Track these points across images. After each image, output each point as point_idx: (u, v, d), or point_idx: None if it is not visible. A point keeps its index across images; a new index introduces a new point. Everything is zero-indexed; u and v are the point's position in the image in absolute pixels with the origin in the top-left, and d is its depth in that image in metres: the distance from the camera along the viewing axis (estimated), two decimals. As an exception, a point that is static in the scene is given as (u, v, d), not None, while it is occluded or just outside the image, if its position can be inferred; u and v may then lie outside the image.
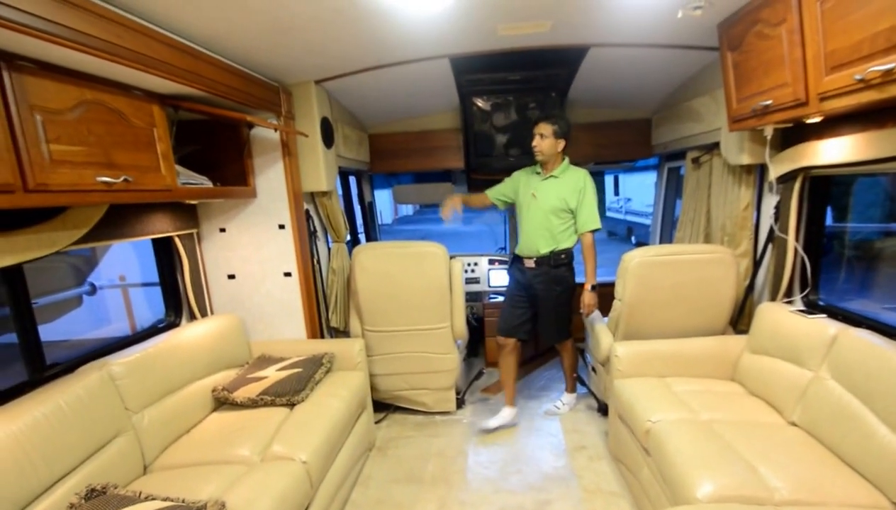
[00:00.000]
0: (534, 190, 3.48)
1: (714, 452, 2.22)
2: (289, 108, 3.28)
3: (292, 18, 2.33)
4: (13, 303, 2.14)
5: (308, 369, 3.01)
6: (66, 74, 1.79)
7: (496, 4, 2.48)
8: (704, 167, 3.79)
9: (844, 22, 1.89)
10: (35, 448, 1.80)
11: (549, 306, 3.54)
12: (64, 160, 1.74)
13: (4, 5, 1.40)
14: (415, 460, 3.32)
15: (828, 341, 2.36)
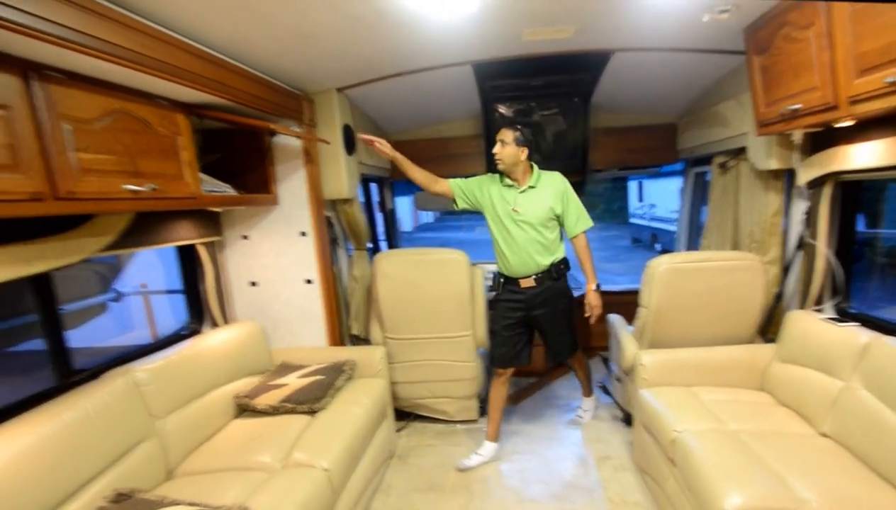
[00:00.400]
0: (514, 205, 3.16)
1: (742, 463, 2.19)
2: (311, 115, 3.33)
3: (314, 27, 2.37)
4: (41, 309, 2.20)
5: (329, 377, 3.04)
6: (94, 84, 1.85)
7: (521, 10, 2.50)
8: (731, 172, 3.75)
9: (874, 24, 1.88)
10: (64, 451, 1.85)
11: (557, 322, 3.33)
12: (92, 169, 1.79)
13: (36, 17, 1.45)
14: (436, 469, 3.31)
15: (859, 350, 2.33)
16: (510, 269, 3.24)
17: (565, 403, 4.20)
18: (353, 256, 3.95)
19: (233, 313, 3.46)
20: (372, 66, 3.18)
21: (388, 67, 3.28)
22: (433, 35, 2.69)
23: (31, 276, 1.96)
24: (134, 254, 3.73)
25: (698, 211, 4.89)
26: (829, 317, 2.76)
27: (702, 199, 4.77)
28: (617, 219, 22.75)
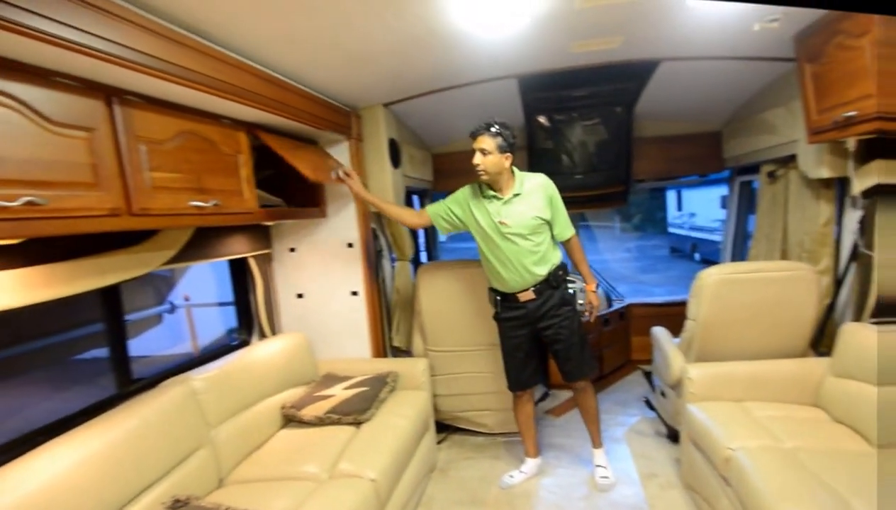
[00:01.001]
0: (500, 217, 2.93)
1: (801, 483, 2.15)
2: (358, 130, 3.45)
3: (373, 48, 2.49)
4: (109, 319, 2.34)
5: (373, 388, 3.11)
6: (168, 107, 1.98)
7: (569, 23, 2.54)
8: (780, 181, 3.74)
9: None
10: (126, 457, 1.94)
11: (567, 334, 3.08)
12: (163, 186, 1.91)
13: (123, 46, 1.57)
14: (478, 482, 3.33)
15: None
16: (506, 285, 3.03)
17: (610, 417, 4.14)
18: (395, 268, 4.03)
19: (279, 324, 3.57)
20: (419, 81, 3.29)
21: (434, 83, 3.37)
22: (481, 50, 2.76)
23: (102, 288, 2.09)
24: (187, 267, 3.87)
25: (744, 220, 4.86)
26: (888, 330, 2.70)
27: (748, 209, 4.74)
28: (656, 228, 22.55)
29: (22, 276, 1.72)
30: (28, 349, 3.20)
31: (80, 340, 3.50)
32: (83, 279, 1.92)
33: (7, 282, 1.67)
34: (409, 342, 3.97)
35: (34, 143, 1.45)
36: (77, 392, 3.19)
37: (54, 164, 1.51)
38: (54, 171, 1.51)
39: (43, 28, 1.33)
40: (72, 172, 1.56)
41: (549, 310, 3.03)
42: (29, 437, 1.91)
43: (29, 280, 1.74)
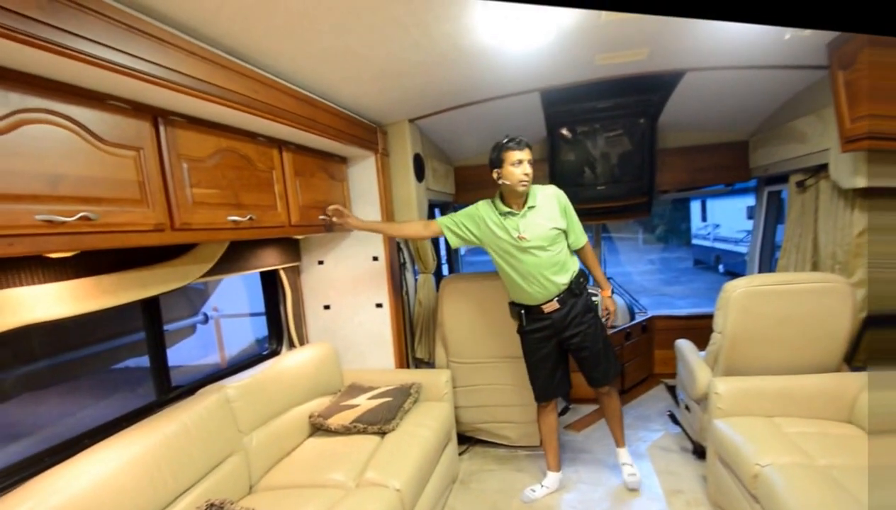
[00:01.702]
0: (519, 232, 2.97)
1: (836, 502, 2.11)
2: (384, 145, 3.55)
3: (402, 66, 2.58)
4: (149, 329, 2.45)
5: (397, 399, 3.17)
6: (208, 126, 2.08)
7: (595, 36, 2.57)
8: (810, 191, 3.67)
9: None
10: (165, 461, 2.03)
11: (592, 341, 3.14)
12: (203, 202, 2.02)
13: (169, 69, 1.68)
14: (499, 495, 3.34)
15: None
16: (530, 298, 3.07)
17: (632, 432, 4.09)
18: (418, 280, 4.11)
19: (307, 335, 3.67)
20: (444, 97, 3.36)
21: (459, 98, 3.45)
22: (506, 66, 2.82)
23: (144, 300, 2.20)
24: (220, 279, 4.00)
25: (772, 231, 4.79)
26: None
27: (776, 219, 4.70)
28: (681, 240, 22.37)
29: (72, 288, 1.82)
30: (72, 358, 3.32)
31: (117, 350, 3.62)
32: (127, 291, 2.03)
33: (60, 293, 1.78)
34: (431, 354, 4.03)
35: (88, 162, 1.56)
36: (115, 399, 3.31)
37: (105, 182, 1.61)
38: (105, 188, 1.61)
39: (99, 54, 1.44)
40: (121, 189, 1.67)
41: (575, 319, 3.07)
42: (77, 440, 2.01)
43: (79, 291, 1.85)
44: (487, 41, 2.40)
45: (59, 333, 2.68)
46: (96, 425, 2.14)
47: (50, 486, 1.66)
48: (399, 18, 2.08)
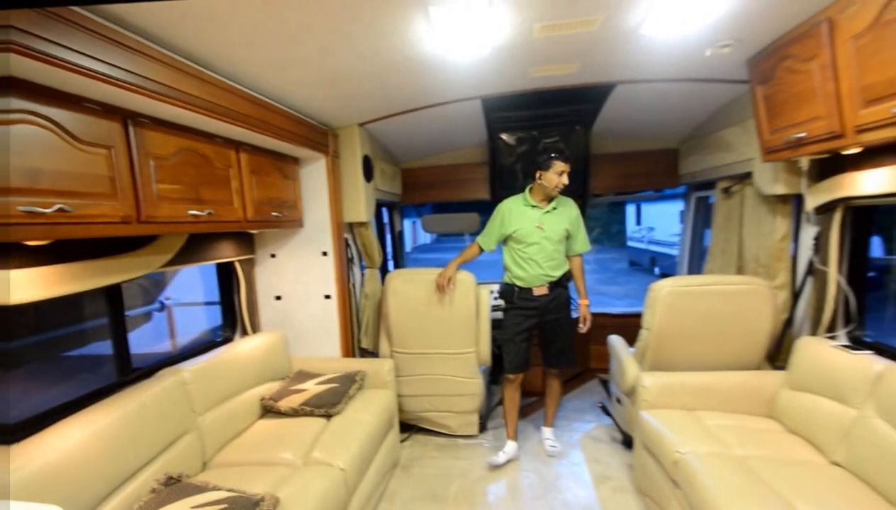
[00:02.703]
0: (538, 222, 3.59)
1: (749, 487, 2.22)
2: (335, 147, 3.74)
3: (349, 73, 2.77)
4: (112, 315, 2.59)
5: (343, 385, 3.37)
6: (171, 127, 2.26)
7: (528, 51, 2.77)
8: (735, 197, 3.88)
9: (879, 58, 2.00)
10: (127, 437, 2.18)
11: (564, 328, 3.72)
12: (166, 197, 2.19)
13: (137, 75, 1.85)
14: (438, 480, 3.53)
15: (873, 378, 2.35)
16: (526, 280, 3.66)
17: (566, 423, 4.35)
18: (365, 275, 4.30)
19: (259, 323, 3.83)
20: (392, 103, 3.57)
21: (405, 104, 3.65)
22: (448, 74, 3.00)
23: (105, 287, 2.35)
24: (178, 270, 4.10)
25: (700, 235, 5.01)
26: (842, 344, 2.75)
27: (704, 223, 4.88)
28: (615, 242, 22.89)
29: (45, 273, 1.97)
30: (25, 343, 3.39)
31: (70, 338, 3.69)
32: (93, 278, 2.17)
33: (34, 278, 1.92)
34: (376, 344, 4.23)
35: (65, 159, 1.72)
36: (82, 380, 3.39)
37: (80, 177, 1.77)
38: (80, 183, 1.77)
39: (76, 61, 1.61)
40: (93, 184, 1.83)
41: (557, 306, 3.69)
42: (46, 415, 2.15)
43: (50, 277, 1.99)
44: (430, 53, 2.60)
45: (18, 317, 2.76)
46: (62, 402, 2.27)
47: (22, 457, 1.80)
48: (347, 33, 2.28)
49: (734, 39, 2.65)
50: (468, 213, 5.57)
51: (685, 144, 4.76)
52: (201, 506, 1.97)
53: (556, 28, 2.45)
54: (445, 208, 5.94)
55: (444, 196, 5.37)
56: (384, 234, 5.39)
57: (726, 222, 4.04)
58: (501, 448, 3.81)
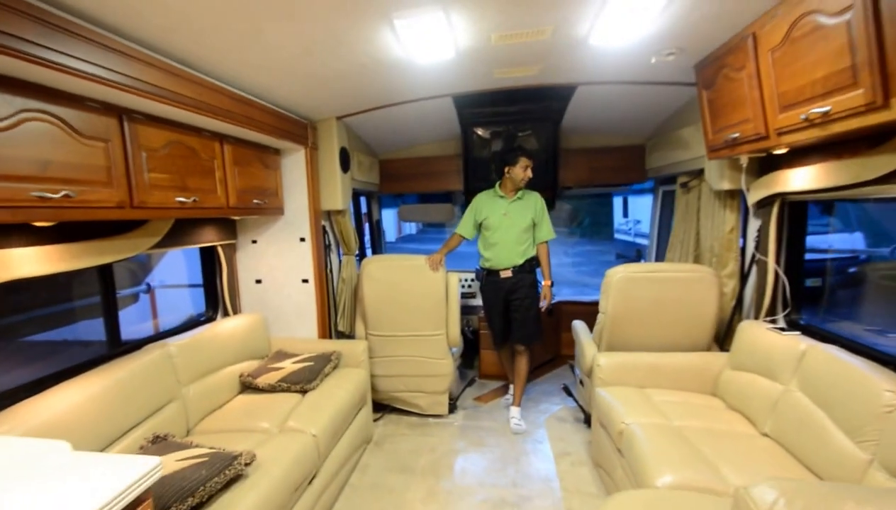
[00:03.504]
0: (504, 212, 4.18)
1: (679, 452, 2.48)
2: (314, 139, 4.04)
3: (326, 73, 3.06)
4: (104, 292, 2.88)
5: (319, 364, 3.65)
6: (161, 122, 2.55)
7: (489, 55, 3.06)
8: (693, 191, 4.16)
9: (790, 69, 2.29)
10: (118, 400, 2.47)
11: (527, 307, 4.19)
12: (156, 185, 2.48)
13: (131, 77, 2.15)
14: (408, 454, 3.81)
15: (798, 356, 2.61)
16: (494, 263, 4.23)
17: (534, 404, 4.67)
18: (342, 261, 4.59)
19: (240, 305, 4.12)
20: (367, 99, 3.86)
21: (380, 100, 3.95)
22: (419, 74, 3.29)
23: (98, 266, 2.65)
24: (164, 253, 4.37)
25: (668, 226, 5.20)
26: (776, 327, 3.02)
27: (671, 215, 5.05)
28: (602, 234, 23.11)
29: (47, 252, 2.26)
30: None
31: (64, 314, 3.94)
32: (89, 257, 2.46)
33: (39, 255, 2.22)
34: (352, 326, 4.53)
35: (69, 151, 2.01)
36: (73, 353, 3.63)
37: (82, 167, 2.07)
38: (81, 172, 2.06)
39: (79, 67, 1.90)
40: (93, 173, 2.12)
41: (520, 288, 4.19)
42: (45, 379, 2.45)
43: (52, 255, 2.28)
44: (398, 56, 2.89)
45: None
46: (61, 368, 2.57)
47: (28, 413, 2.09)
48: (321, 40, 2.58)
49: (677, 49, 2.96)
50: (443, 204, 5.89)
51: (651, 141, 5.04)
52: (185, 459, 2.26)
53: (512, 37, 2.75)
54: (429, 199, 6.19)
55: (420, 187, 5.64)
56: (362, 223, 5.67)
57: (685, 215, 4.33)
58: (472, 427, 4.24)
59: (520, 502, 3.19)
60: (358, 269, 4.52)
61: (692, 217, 4.20)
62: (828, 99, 2.07)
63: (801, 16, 2.17)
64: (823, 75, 2.08)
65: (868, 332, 3.02)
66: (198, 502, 2.05)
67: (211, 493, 2.12)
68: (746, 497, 1.31)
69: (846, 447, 2.14)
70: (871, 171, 2.26)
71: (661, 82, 3.67)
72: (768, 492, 1.27)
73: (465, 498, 3.26)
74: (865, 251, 5.10)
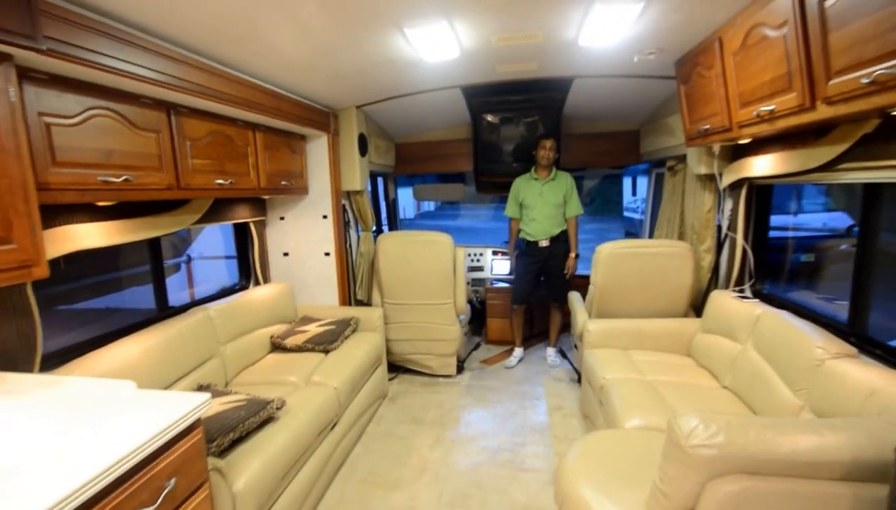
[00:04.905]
0: (539, 191, 4.72)
1: (648, 400, 2.75)
2: (336, 126, 4.29)
3: (346, 69, 3.32)
4: (153, 262, 3.19)
5: (339, 327, 3.95)
6: (203, 114, 2.82)
7: (492, 53, 3.31)
8: (679, 174, 4.37)
9: (747, 71, 2.52)
10: (168, 353, 2.77)
11: (560, 272, 4.78)
12: (199, 169, 2.76)
13: (179, 78, 2.42)
14: (419, 408, 4.13)
15: (754, 320, 2.86)
16: (533, 235, 4.78)
17: (533, 367, 4.98)
18: (360, 236, 4.87)
19: (269, 276, 4.42)
20: (383, 90, 4.11)
21: (395, 91, 4.20)
22: (428, 70, 3.54)
23: (149, 239, 2.97)
24: (203, 228, 4.67)
25: (659, 205, 5.36)
26: (740, 295, 3.28)
27: (662, 195, 5.29)
28: (613, 213, 23.12)
29: (107, 227, 2.56)
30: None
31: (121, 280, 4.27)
32: (141, 231, 2.75)
33: (100, 230, 2.51)
34: (369, 295, 4.82)
35: (128, 141, 2.29)
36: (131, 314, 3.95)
37: (137, 155, 2.35)
38: (137, 159, 2.34)
39: (135, 71, 2.17)
40: (147, 160, 2.40)
41: (555, 256, 4.77)
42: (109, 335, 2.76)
43: (111, 230, 2.58)
44: (410, 55, 3.14)
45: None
46: (119, 327, 2.89)
47: (96, 362, 2.40)
48: (342, 45, 2.86)
49: (657, 49, 3.20)
50: (455, 184, 6.14)
51: (644, 127, 5.23)
52: (226, 403, 2.56)
53: (509, 40, 2.99)
54: (444, 179, 6.48)
55: (432, 168, 5.89)
56: (379, 202, 5.93)
57: (671, 195, 4.54)
58: (477, 386, 4.54)
59: (515, 448, 3.48)
60: (374, 244, 4.78)
61: (678, 198, 4.40)
62: (773, 99, 2.32)
63: (753, 26, 2.40)
64: (770, 79, 2.32)
65: (821, 300, 3.25)
66: (237, 437, 2.35)
67: (248, 430, 2.43)
68: (674, 424, 1.57)
69: (786, 395, 2.38)
70: (814, 160, 2.48)
71: (646, 76, 3.87)
72: (692, 420, 1.53)
73: (468, 445, 3.55)
74: (827, 230, 5.28)
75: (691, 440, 1.51)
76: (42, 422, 1.57)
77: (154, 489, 1.49)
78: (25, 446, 1.43)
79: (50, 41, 1.74)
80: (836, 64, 1.86)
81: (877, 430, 1.51)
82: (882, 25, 1.61)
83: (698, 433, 1.51)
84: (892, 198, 2.40)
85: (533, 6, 2.54)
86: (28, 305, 2.05)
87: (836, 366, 2.16)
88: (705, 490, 1.51)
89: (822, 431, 1.50)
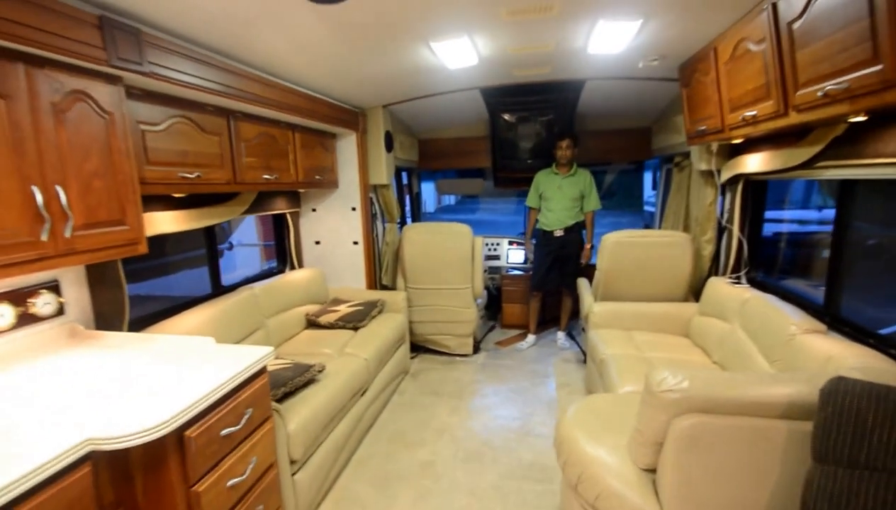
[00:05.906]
0: (559, 185, 5.03)
1: (642, 372, 2.96)
2: (364, 124, 4.71)
3: (375, 75, 3.74)
4: (209, 247, 3.67)
5: (367, 308, 4.36)
6: (254, 118, 3.26)
7: (508, 60, 3.68)
8: (685, 170, 4.64)
9: (735, 80, 2.80)
10: (224, 322, 3.18)
11: (573, 260, 5.11)
12: (250, 166, 3.20)
13: (236, 89, 2.85)
14: (438, 382, 4.54)
15: (742, 302, 3.11)
16: (549, 225, 5.12)
17: (546, 349, 5.33)
18: (386, 227, 5.28)
19: (303, 262, 4.86)
20: (408, 91, 4.50)
21: (418, 92, 4.59)
22: (451, 74, 3.90)
23: (208, 226, 3.44)
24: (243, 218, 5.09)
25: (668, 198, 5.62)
26: (733, 281, 3.53)
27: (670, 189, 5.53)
28: (634, 206, 23.13)
29: (178, 215, 3.01)
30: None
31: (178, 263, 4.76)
32: (205, 219, 3.21)
33: (174, 218, 2.96)
34: (393, 280, 5.24)
35: (198, 143, 2.73)
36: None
37: (205, 155, 2.79)
38: (205, 159, 2.79)
39: (203, 85, 2.59)
40: (212, 159, 2.85)
41: (569, 244, 5.10)
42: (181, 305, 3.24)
43: (181, 217, 3.03)
44: (434, 62, 3.54)
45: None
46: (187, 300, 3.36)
47: (170, 326, 2.85)
48: (371, 57, 3.28)
49: (660, 56, 3.53)
50: (474, 179, 6.52)
51: (655, 124, 5.49)
52: (275, 365, 3.00)
53: (524, 49, 3.38)
54: (464, 174, 6.84)
55: (454, 164, 6.26)
56: (403, 195, 6.32)
57: (678, 189, 4.82)
58: (491, 364, 4.93)
59: (524, 417, 3.88)
60: (399, 234, 5.19)
61: (684, 192, 4.69)
62: (755, 106, 2.63)
63: (740, 40, 2.73)
64: (753, 87, 2.63)
65: (809, 287, 3.53)
66: (288, 391, 2.80)
67: (296, 387, 2.87)
68: (650, 375, 1.96)
69: (763, 367, 2.67)
70: (795, 159, 2.79)
71: (653, 78, 4.19)
72: (664, 372, 1.92)
73: (483, 413, 3.95)
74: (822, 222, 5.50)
75: (661, 386, 1.89)
76: (158, 365, 2.05)
77: (237, 414, 1.96)
78: (157, 378, 1.91)
79: (150, 64, 2.18)
80: (802, 77, 2.20)
81: (812, 379, 1.87)
82: (832, 48, 1.95)
83: (668, 381, 1.89)
84: (865, 193, 2.72)
85: (544, 23, 2.91)
86: (119, 278, 2.52)
87: (805, 340, 2.43)
88: (671, 426, 1.89)
89: (768, 381, 1.88)
